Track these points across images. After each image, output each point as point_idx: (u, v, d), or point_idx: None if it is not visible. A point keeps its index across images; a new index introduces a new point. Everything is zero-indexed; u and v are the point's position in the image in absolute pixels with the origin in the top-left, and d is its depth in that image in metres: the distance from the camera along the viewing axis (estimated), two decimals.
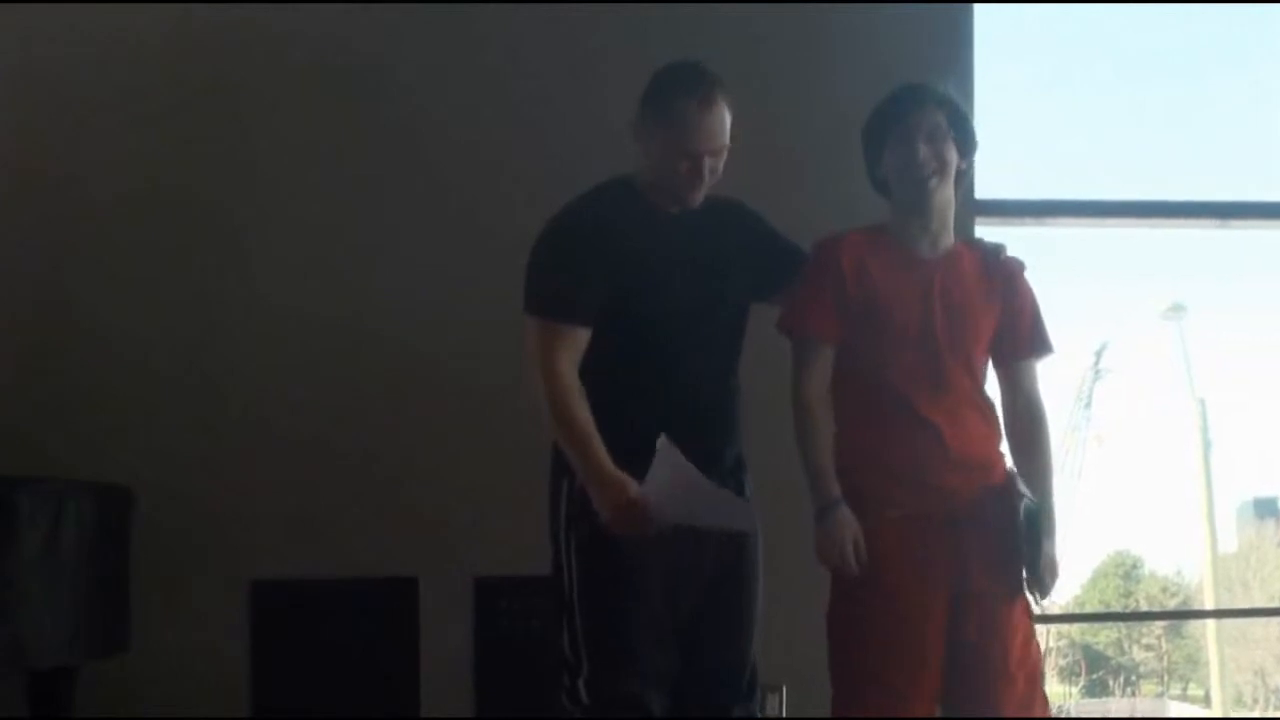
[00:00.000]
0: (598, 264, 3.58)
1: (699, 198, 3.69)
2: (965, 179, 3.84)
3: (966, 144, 3.77)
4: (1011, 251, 3.88)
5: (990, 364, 3.83)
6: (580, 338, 3.60)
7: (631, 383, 3.62)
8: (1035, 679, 3.70)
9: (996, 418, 3.78)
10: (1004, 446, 3.80)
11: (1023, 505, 3.62)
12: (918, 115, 3.71)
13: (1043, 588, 3.67)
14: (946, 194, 3.74)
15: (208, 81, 5.38)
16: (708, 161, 3.63)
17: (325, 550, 5.18)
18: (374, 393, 5.27)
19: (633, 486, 3.49)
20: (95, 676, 4.75)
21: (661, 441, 3.45)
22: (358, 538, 5.19)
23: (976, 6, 5.75)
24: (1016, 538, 3.60)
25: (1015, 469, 3.75)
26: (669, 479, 3.47)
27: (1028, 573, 3.64)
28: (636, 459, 3.54)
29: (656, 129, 3.64)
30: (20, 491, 4.32)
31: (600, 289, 3.58)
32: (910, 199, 3.74)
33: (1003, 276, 3.81)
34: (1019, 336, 3.81)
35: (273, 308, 5.30)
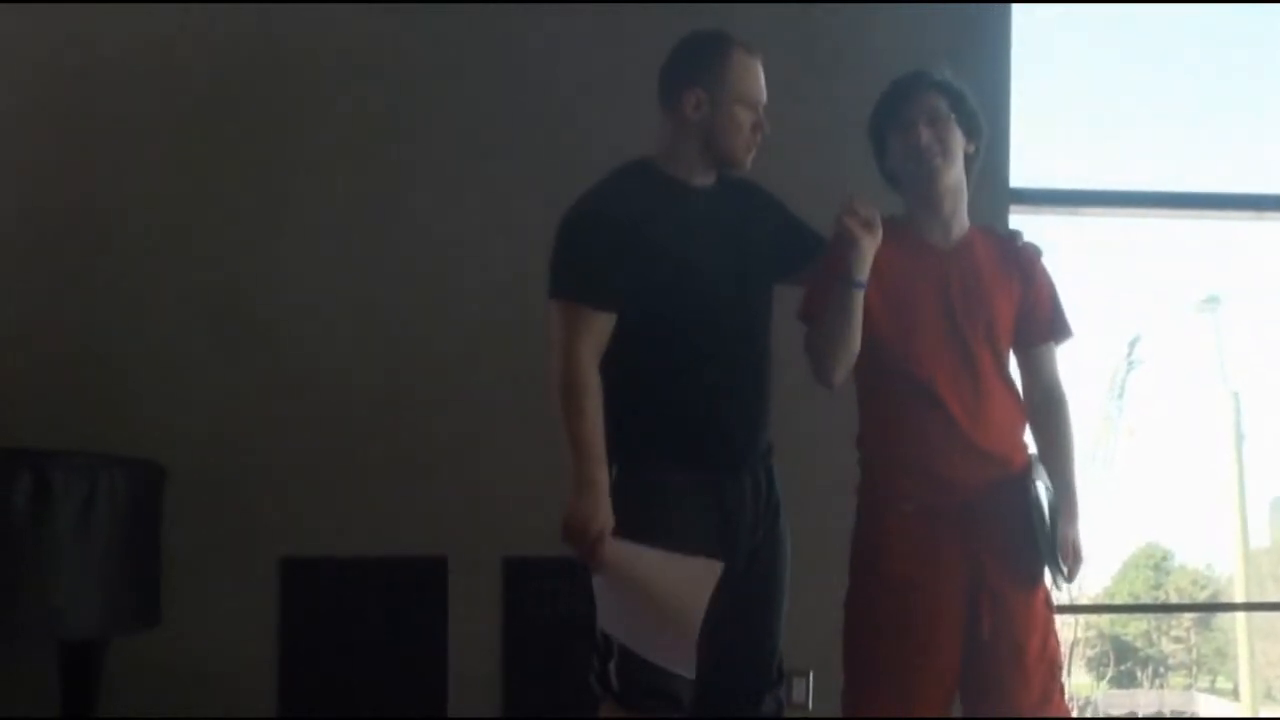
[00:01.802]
0: (623, 245, 3.56)
1: (751, 158, 3.72)
2: (975, 161, 3.78)
3: (972, 127, 3.72)
4: (1046, 241, 3.86)
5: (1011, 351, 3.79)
6: (604, 323, 3.57)
7: (669, 364, 3.61)
8: (1054, 672, 3.67)
9: (1021, 406, 3.75)
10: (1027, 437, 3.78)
11: (1040, 490, 3.60)
12: (917, 101, 3.69)
13: (1065, 573, 3.64)
14: (955, 178, 3.70)
15: (244, 60, 5.40)
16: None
17: (355, 528, 5.20)
18: (405, 372, 5.28)
19: (601, 520, 3.49)
20: (126, 651, 4.78)
21: (704, 564, 3.46)
22: (387, 516, 5.21)
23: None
24: (1033, 524, 3.57)
25: (1037, 454, 3.73)
26: (649, 576, 3.49)
27: (1046, 560, 3.61)
28: (671, 444, 3.57)
29: (714, 84, 3.65)
30: (55, 466, 4.36)
31: (627, 270, 3.55)
32: (918, 186, 3.70)
33: (1020, 262, 3.77)
34: (1038, 321, 3.77)
35: (305, 287, 5.31)
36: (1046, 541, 3.59)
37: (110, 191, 5.33)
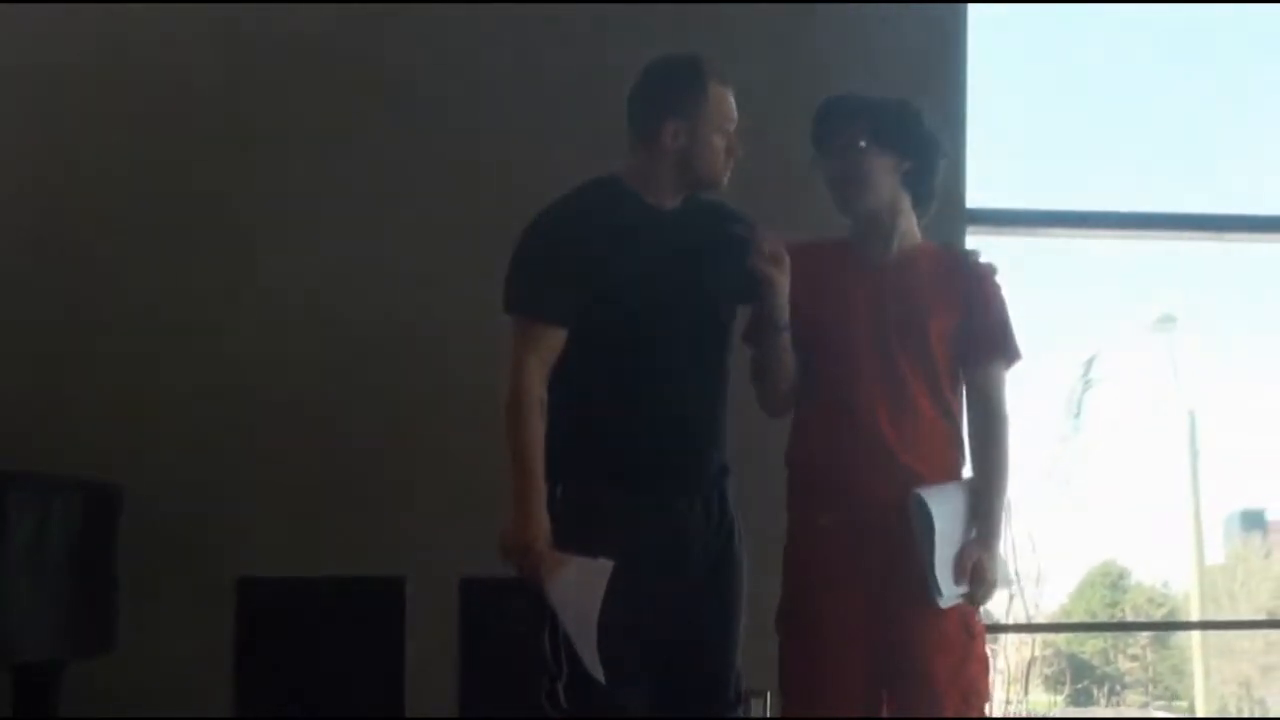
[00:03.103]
0: (577, 261, 3.58)
1: (727, 179, 3.74)
2: (923, 175, 3.79)
3: (905, 145, 3.75)
4: (1002, 262, 3.87)
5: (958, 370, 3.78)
6: (554, 338, 3.59)
7: (620, 383, 3.61)
8: (971, 700, 3.65)
9: (958, 427, 3.75)
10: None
11: (935, 512, 3.57)
12: (833, 130, 3.76)
13: (943, 594, 3.59)
14: (876, 202, 3.73)
15: (214, 78, 5.40)
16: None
17: (311, 549, 5.19)
18: (362, 393, 5.28)
19: (541, 538, 3.50)
20: (81, 674, 4.75)
21: (596, 564, 3.47)
22: (344, 537, 5.20)
23: (970, 10, 5.76)
24: (920, 546, 3.56)
25: (972, 473, 3.73)
26: (576, 584, 3.49)
27: (927, 581, 3.57)
28: (619, 465, 3.58)
29: (693, 115, 3.66)
30: (9, 487, 4.33)
31: (580, 287, 3.57)
32: (844, 212, 3.77)
33: (968, 280, 3.79)
34: (982, 340, 3.77)
35: (264, 308, 5.31)
36: (929, 562, 3.56)
37: (69, 211, 5.31)
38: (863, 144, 3.71)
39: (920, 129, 3.79)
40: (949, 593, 3.62)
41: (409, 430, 5.27)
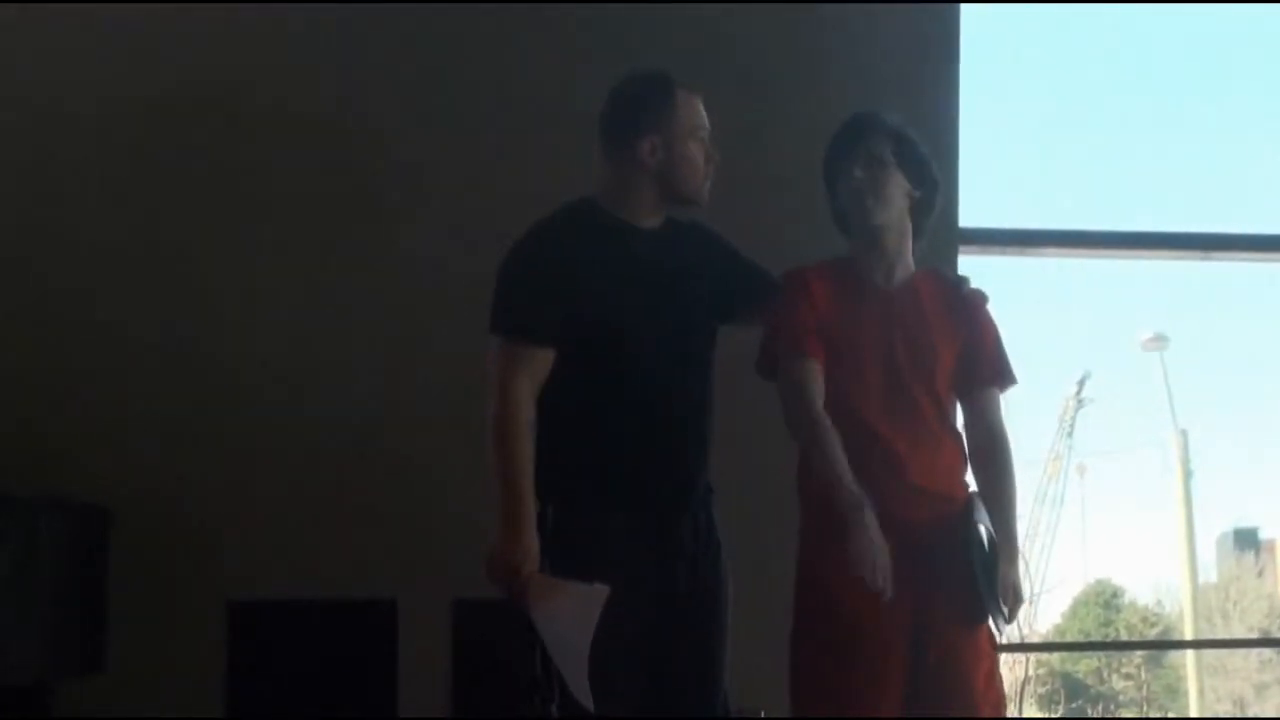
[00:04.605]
0: (560, 283, 3.57)
1: (708, 190, 3.73)
2: (925, 208, 3.80)
3: (919, 173, 3.75)
4: (995, 281, 3.89)
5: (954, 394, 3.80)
6: (542, 360, 3.58)
7: (605, 404, 3.60)
8: (1000, 709, 3.69)
9: (963, 448, 3.77)
10: (968, 476, 3.79)
11: (980, 530, 3.62)
12: (859, 143, 3.72)
13: (1005, 614, 3.66)
14: (890, 220, 3.72)
15: (211, 79, 5.41)
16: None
17: (303, 571, 5.17)
18: (353, 414, 5.26)
19: (529, 561, 3.49)
20: (71, 696, 4.73)
21: (591, 590, 3.46)
22: (336, 559, 5.18)
23: (963, 16, 5.77)
24: (972, 565, 3.59)
25: (977, 497, 3.74)
26: (569, 609, 3.48)
27: (985, 600, 3.61)
28: (607, 485, 3.57)
29: (666, 127, 3.66)
30: None
31: (564, 308, 3.56)
32: (857, 228, 3.74)
33: (964, 308, 3.80)
34: (980, 366, 3.79)
35: (255, 327, 5.30)
36: (987, 583, 3.61)
37: (60, 231, 5.31)
38: (889, 158, 3.71)
39: (931, 163, 3.80)
40: (1005, 613, 3.68)
41: (401, 452, 5.26)
